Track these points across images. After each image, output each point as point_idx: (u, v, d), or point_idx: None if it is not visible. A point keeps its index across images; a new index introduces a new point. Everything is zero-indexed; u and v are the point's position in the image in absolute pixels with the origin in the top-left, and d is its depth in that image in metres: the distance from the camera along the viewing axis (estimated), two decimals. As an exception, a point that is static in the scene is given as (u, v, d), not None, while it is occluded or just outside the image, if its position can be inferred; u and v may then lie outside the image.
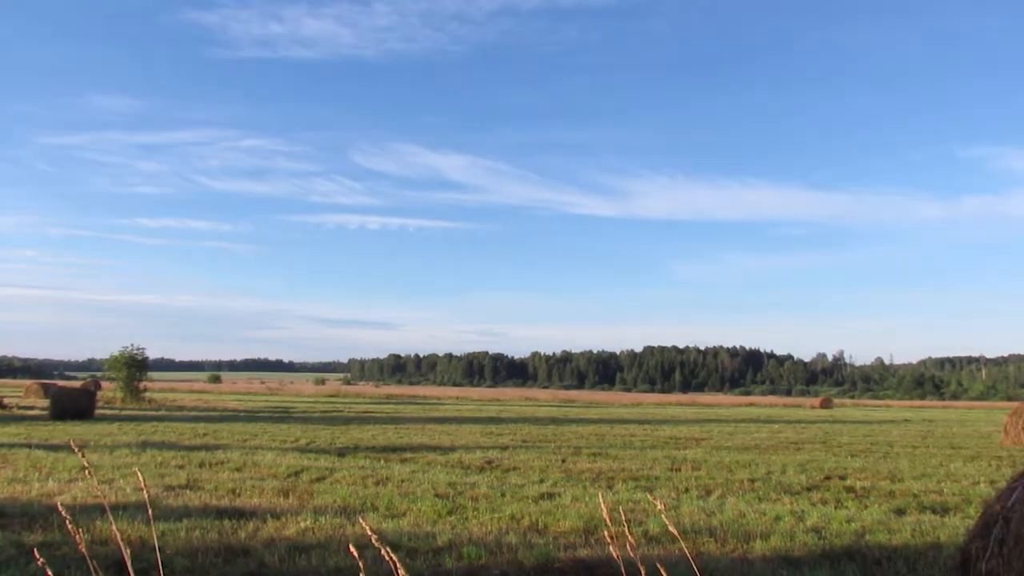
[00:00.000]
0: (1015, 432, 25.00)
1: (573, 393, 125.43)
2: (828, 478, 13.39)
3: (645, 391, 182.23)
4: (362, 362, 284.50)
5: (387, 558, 1.39)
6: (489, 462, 15.04)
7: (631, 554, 1.99)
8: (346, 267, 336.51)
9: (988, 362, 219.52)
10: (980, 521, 4.11)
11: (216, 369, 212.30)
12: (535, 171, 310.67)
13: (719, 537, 8.05)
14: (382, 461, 14.88)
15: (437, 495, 10.53)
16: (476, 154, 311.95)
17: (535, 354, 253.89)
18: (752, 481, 12.68)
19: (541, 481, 12.47)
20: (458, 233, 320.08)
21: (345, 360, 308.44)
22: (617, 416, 40.60)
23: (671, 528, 2.35)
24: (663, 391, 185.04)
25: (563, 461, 15.46)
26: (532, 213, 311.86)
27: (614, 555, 2.09)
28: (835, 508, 10.19)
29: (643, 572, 2.03)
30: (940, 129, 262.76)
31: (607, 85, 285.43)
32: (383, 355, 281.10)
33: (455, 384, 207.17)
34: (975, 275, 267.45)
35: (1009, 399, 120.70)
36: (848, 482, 12.90)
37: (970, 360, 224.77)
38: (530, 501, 10.22)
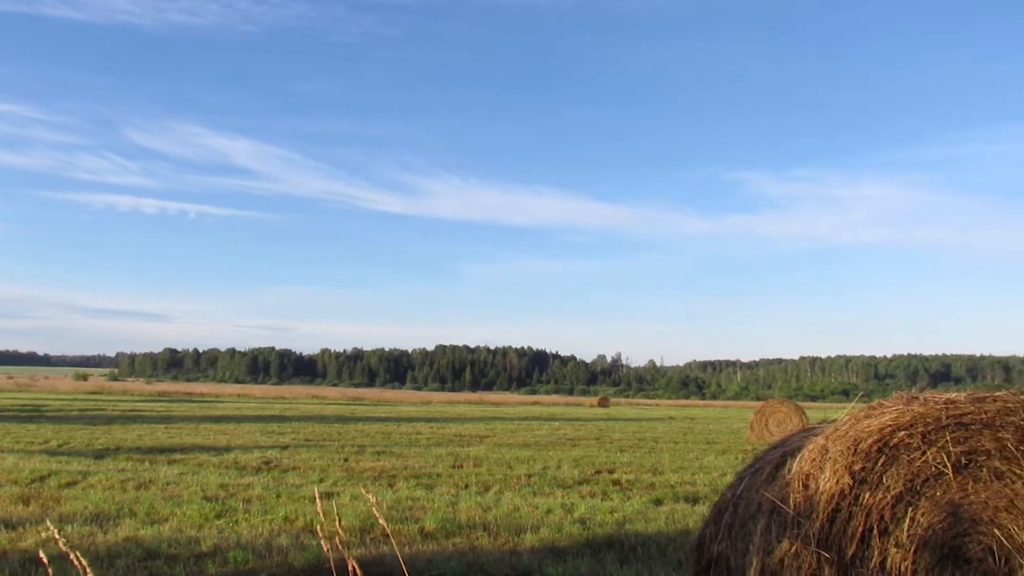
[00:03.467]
0: (759, 428, 28.10)
1: (363, 391, 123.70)
2: (598, 472, 14.24)
3: (436, 390, 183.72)
4: (132, 356, 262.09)
5: (76, 564, 1.26)
6: (267, 462, 14.45)
7: (340, 550, 1.98)
8: (116, 252, 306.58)
9: (743, 365, 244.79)
10: (714, 508, 4.53)
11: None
12: (328, 163, 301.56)
13: (492, 531, 8.29)
14: (147, 463, 13.81)
15: (206, 498, 9.94)
16: (266, 140, 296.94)
17: (324, 351, 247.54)
18: (529, 476, 13.18)
19: (321, 480, 12.19)
20: (244, 222, 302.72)
21: (112, 354, 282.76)
22: (405, 414, 40.60)
23: (381, 521, 2.38)
24: (453, 390, 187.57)
25: (346, 460, 15.20)
26: (324, 205, 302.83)
27: (330, 553, 2.08)
28: (602, 500, 10.84)
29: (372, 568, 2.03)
30: (708, 153, 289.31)
31: (404, 82, 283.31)
32: (157, 349, 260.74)
33: (237, 381, 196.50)
34: (733, 286, 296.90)
35: (758, 399, 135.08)
36: (616, 475, 13.78)
37: (728, 363, 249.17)
38: (306, 501, 9.93)
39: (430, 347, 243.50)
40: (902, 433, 3.62)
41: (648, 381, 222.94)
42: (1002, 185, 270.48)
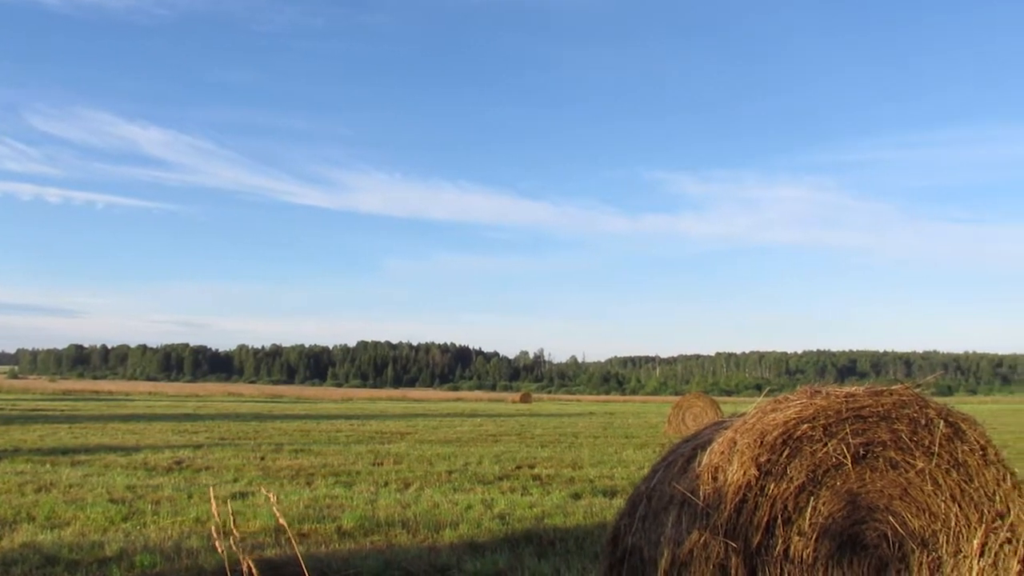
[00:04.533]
0: (676, 423, 28.78)
1: (281, 388, 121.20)
2: (519, 467, 14.32)
3: (357, 386, 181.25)
4: (35, 353, 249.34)
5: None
6: (179, 462, 13.99)
7: (236, 550, 1.94)
8: (15, 243, 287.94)
9: (662, 361, 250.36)
10: (629, 500, 4.62)
11: None
12: (247, 154, 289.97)
13: (411, 528, 8.25)
14: (48, 465, 13.19)
15: (112, 500, 9.57)
16: (180, 130, 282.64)
17: (242, 347, 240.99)
18: (450, 473, 13.16)
19: (235, 480, 11.89)
20: (157, 213, 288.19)
21: (12, 351, 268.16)
22: (325, 411, 39.99)
23: (281, 521, 2.35)
24: (375, 386, 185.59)
25: (262, 459, 14.87)
26: (242, 198, 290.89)
27: (225, 554, 2.03)
28: (521, 495, 10.91)
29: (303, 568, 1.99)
30: (630, 153, 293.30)
31: (327, 74, 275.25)
32: (62, 345, 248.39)
33: (149, 379, 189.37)
34: (653, 284, 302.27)
35: (677, 394, 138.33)
36: (536, 470, 13.89)
37: (648, 359, 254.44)
38: (220, 502, 9.66)
39: (351, 343, 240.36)
40: (805, 426, 3.77)
41: (570, 377, 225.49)
42: (906, 190, 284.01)
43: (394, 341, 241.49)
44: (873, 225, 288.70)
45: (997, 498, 3.89)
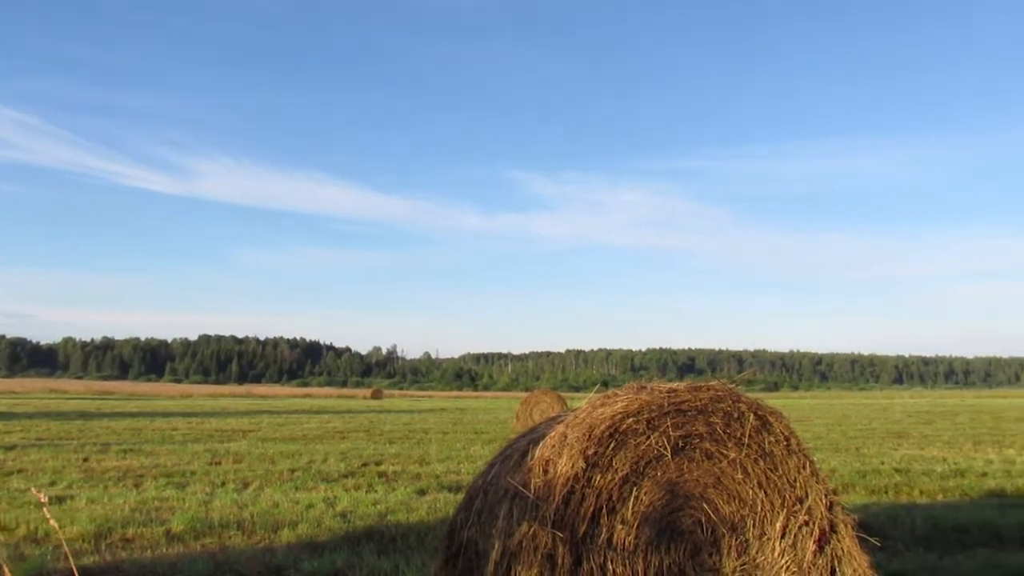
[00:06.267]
0: (524, 418, 29.37)
1: (113, 384, 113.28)
2: (365, 464, 14.15)
3: (198, 382, 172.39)
4: None
5: None
6: (-13, 465, 12.82)
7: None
8: None
9: (514, 358, 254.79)
10: (466, 495, 4.68)
11: None
12: (77, 132, 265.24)
13: (247, 529, 7.97)
14: None
15: (-98, 508, 8.63)
16: (1, 103, 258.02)
17: (68, 340, 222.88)
18: (293, 471, 12.81)
19: (53, 483, 11.04)
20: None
21: None
22: (162, 409, 37.82)
23: (52, 522, 2.24)
24: (218, 382, 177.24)
25: (85, 460, 13.88)
26: (70, 179, 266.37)
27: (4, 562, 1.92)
28: (366, 492, 10.79)
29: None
30: (487, 152, 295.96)
31: (173, 52, 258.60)
32: None
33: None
34: (506, 282, 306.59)
35: (527, 390, 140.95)
36: (383, 467, 13.77)
37: (500, 356, 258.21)
38: (33, 507, 8.95)
39: (193, 336, 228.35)
40: (630, 420, 3.97)
41: (423, 373, 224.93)
42: (739, 197, 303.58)
43: (240, 335, 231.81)
44: (710, 230, 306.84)
45: (798, 484, 4.27)
